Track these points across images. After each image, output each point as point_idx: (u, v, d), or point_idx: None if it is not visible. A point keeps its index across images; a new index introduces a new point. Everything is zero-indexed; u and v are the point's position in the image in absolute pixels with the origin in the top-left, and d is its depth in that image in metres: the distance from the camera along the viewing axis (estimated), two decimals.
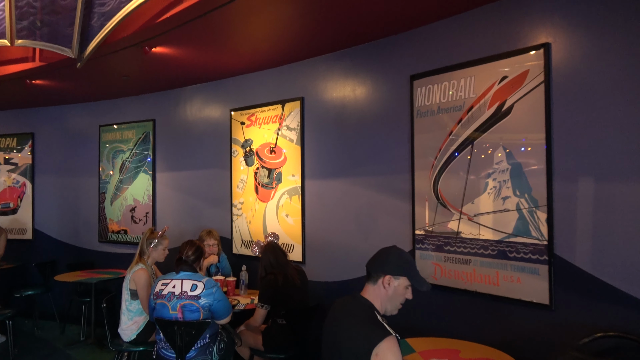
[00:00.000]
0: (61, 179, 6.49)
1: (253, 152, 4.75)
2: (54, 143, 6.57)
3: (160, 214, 5.64)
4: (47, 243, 6.53)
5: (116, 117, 6.05)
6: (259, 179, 4.69)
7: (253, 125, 4.77)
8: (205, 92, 5.28)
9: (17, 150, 6.79)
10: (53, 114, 6.54)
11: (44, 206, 6.61)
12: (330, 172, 4.17)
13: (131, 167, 5.86)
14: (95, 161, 6.21)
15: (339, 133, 4.11)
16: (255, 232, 4.71)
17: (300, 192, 4.31)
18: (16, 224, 6.75)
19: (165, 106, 5.62)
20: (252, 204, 4.75)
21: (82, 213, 6.34)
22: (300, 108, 4.34)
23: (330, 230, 4.15)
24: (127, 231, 5.88)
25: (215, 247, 4.40)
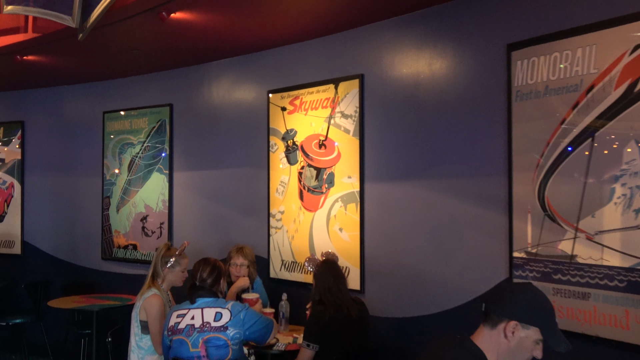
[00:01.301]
0: (56, 179, 6.86)
1: (297, 146, 4.85)
2: (48, 134, 6.95)
3: (178, 224, 5.86)
4: (38, 259, 6.92)
5: (124, 101, 6.34)
6: (305, 181, 4.78)
7: (297, 112, 4.86)
8: (235, 69, 5.44)
9: (4, 142, 7.23)
10: (47, 98, 6.92)
11: (36, 213, 7.01)
12: (398, 173, 4.20)
13: (142, 164, 6.12)
14: (98, 157, 6.53)
15: (409, 121, 4.13)
16: (300, 250, 4.80)
17: (359, 199, 4.36)
18: (3, 236, 7.20)
19: (186, 87, 5.83)
20: (295, 214, 4.85)
21: (82, 222, 6.68)
22: (359, 89, 4.39)
23: (398, 250, 4.17)
24: (137, 246, 6.14)
25: (244, 268, 4.50)
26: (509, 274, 3.53)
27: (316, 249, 4.65)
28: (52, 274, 6.72)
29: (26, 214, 7.09)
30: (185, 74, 5.83)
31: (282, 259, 4.95)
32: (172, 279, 3.86)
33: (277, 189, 5.01)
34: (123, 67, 5.91)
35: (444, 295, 3.88)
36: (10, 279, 6.92)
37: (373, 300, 4.23)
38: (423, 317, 4.01)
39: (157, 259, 3.84)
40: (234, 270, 4.48)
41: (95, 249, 6.51)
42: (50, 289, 6.47)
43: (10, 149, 7.23)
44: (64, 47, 5.17)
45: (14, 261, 7.07)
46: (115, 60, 5.61)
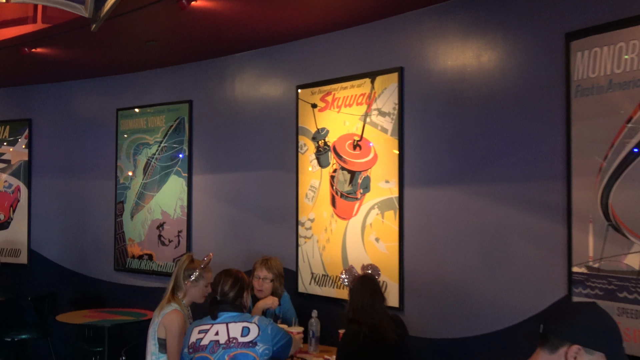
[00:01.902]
0: (66, 182, 7.02)
1: (329, 147, 4.87)
2: (56, 133, 7.11)
3: (198, 233, 5.93)
4: (46, 270, 7.07)
5: (139, 97, 6.45)
6: (338, 186, 4.79)
7: (329, 109, 4.89)
8: (261, 62, 5.49)
9: (9, 142, 7.41)
10: (56, 94, 7.08)
11: (43, 219, 7.17)
12: (442, 177, 4.19)
13: (159, 166, 6.21)
14: (110, 158, 6.66)
15: (454, 119, 4.12)
16: (332, 262, 4.82)
17: (397, 206, 4.36)
18: (7, 243, 7.37)
19: (206, 82, 5.91)
20: (326, 222, 4.87)
21: (93, 230, 6.81)
22: (398, 83, 4.40)
23: (441, 263, 4.16)
24: (153, 256, 6.23)
25: (268, 282, 4.53)
26: (568, 292, 3.49)
27: (350, 260, 4.66)
28: (61, 286, 6.86)
29: (33, 220, 7.24)
30: (206, 67, 5.91)
31: (312, 272, 4.97)
32: (195, 294, 3.91)
33: (307, 194, 5.04)
34: (139, 60, 6.02)
35: (493, 314, 3.86)
36: (15, 291, 7.07)
37: (413, 318, 4.23)
38: (470, 339, 3.98)
39: (179, 271, 3.89)
40: (257, 284, 4.50)
41: (108, 259, 6.63)
42: (58, 302, 6.59)
43: (17, 149, 7.39)
44: (76, 39, 5.27)
45: (19, 271, 7.23)
46: (130, 52, 5.71)
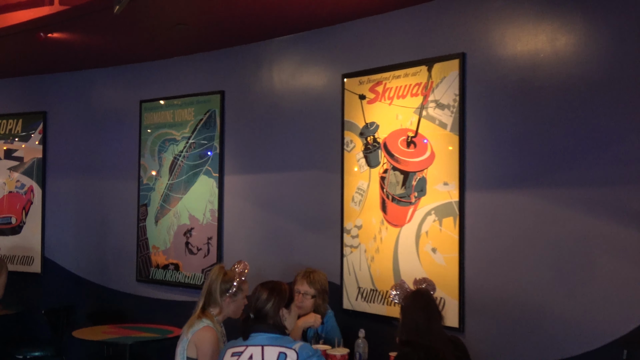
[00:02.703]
0: (84, 183, 7.14)
1: (379, 144, 4.85)
2: (74, 127, 7.24)
3: (230, 240, 5.97)
4: (61, 280, 7.21)
5: (165, 88, 6.53)
6: (389, 189, 4.77)
7: (379, 101, 4.87)
8: (302, 48, 5.51)
9: (22, 138, 7.58)
10: (74, 84, 7.21)
11: (59, 223, 7.31)
12: (510, 179, 4.14)
13: (187, 165, 6.27)
14: (133, 156, 6.75)
15: (525, 113, 4.07)
16: (382, 275, 4.80)
17: (458, 212, 4.32)
18: (20, 250, 7.52)
19: (241, 71, 5.96)
20: (375, 229, 4.86)
21: (113, 236, 6.92)
22: (460, 72, 4.36)
23: (509, 278, 4.11)
24: (180, 266, 6.29)
25: (308, 299, 4.51)
26: None
27: (402, 273, 4.64)
28: (77, 298, 6.98)
29: (47, 225, 7.38)
30: (240, 54, 5.95)
31: (359, 286, 4.95)
32: (234, 309, 3.94)
33: (353, 197, 5.03)
34: (165, 46, 6.08)
35: (569, 337, 3.80)
36: (27, 303, 7.17)
37: (475, 341, 4.18)
38: None
39: (214, 285, 3.90)
40: (296, 299, 4.47)
41: (129, 268, 6.72)
42: (74, 316, 6.69)
43: (30, 145, 7.55)
44: (96, 23, 5.35)
45: (32, 281, 7.37)
46: (156, 37, 5.78)
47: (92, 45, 6.09)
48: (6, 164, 7.70)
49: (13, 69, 7.27)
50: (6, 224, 7.67)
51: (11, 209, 7.65)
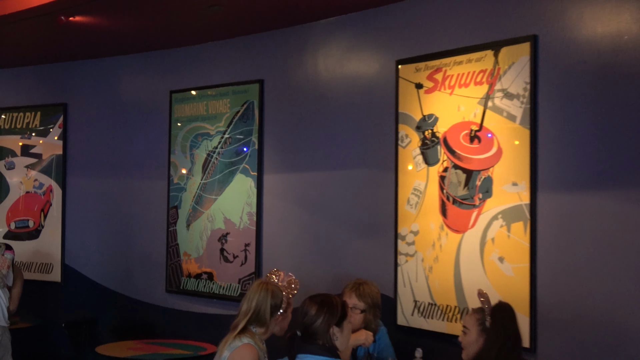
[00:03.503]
0: (108, 182, 7.29)
1: (438, 138, 4.87)
2: (97, 121, 7.39)
3: (270, 246, 6.03)
4: (83, 290, 7.36)
5: (198, 76, 6.62)
6: (449, 189, 4.78)
7: (439, 90, 4.88)
8: (351, 31, 5.54)
9: (40, 132, 7.77)
10: (97, 73, 7.36)
11: (81, 227, 7.47)
12: (590, 179, 4.11)
13: (222, 163, 6.36)
14: (162, 152, 6.87)
15: (607, 103, 4.03)
16: (441, 286, 4.81)
17: (529, 216, 4.31)
18: (38, 256, 7.70)
19: (282, 57, 6.01)
20: (434, 235, 4.87)
21: (140, 242, 7.04)
22: (531, 56, 4.34)
23: (588, 292, 4.07)
24: (214, 275, 6.38)
25: (357, 314, 4.48)
26: None
27: (465, 285, 4.64)
28: (101, 310, 7.12)
29: (68, 229, 7.55)
30: (281, 38, 6.00)
31: (415, 300, 4.97)
32: (281, 327, 3.95)
33: (409, 199, 5.05)
34: (198, 30, 6.16)
35: None
36: (46, 315, 7.37)
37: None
38: None
39: (265, 304, 3.85)
40: None
41: (158, 277, 6.83)
42: (97, 330, 6.83)
43: (49, 140, 7.73)
44: (122, 4, 5.46)
45: (51, 291, 7.54)
46: (187, 20, 5.86)
47: (117, 30, 6.19)
48: (23, 162, 7.89)
49: (30, 56, 7.42)
50: (23, 228, 7.85)
51: (28, 211, 7.84)
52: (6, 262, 6.02)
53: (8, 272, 6.06)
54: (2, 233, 7.88)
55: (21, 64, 7.70)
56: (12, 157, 7.92)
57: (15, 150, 7.95)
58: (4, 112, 7.99)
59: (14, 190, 7.94)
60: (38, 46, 6.93)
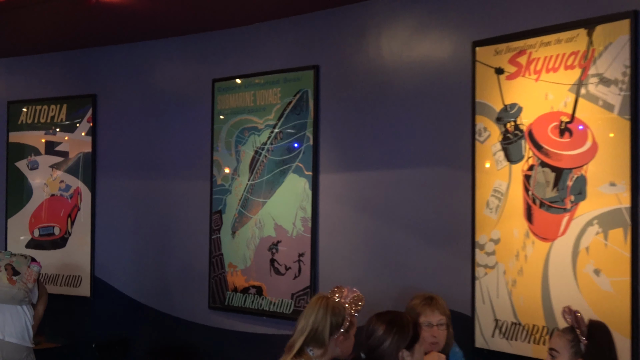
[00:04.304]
0: (143, 184, 7.39)
1: (522, 132, 4.83)
2: (130, 114, 7.50)
3: (327, 257, 6.04)
4: (115, 305, 7.46)
5: (244, 62, 6.66)
6: (536, 191, 4.75)
7: (522, 76, 4.85)
8: (419, 9, 5.54)
9: (66, 128, 7.90)
10: (130, 60, 7.47)
11: (112, 235, 7.58)
12: None
13: (272, 161, 6.38)
14: (204, 149, 6.92)
15: None
16: (527, 303, 4.77)
17: (630, 222, 4.25)
18: (64, 268, 7.84)
19: (340, 39, 6.02)
20: (518, 244, 4.84)
21: (179, 251, 7.12)
22: (631, 36, 4.28)
23: None
24: (263, 289, 6.41)
25: (443, 329, 4.51)
26: None
27: (554, 302, 4.60)
28: (135, 329, 7.21)
29: (98, 236, 7.68)
30: (339, 18, 6.01)
31: (496, 319, 4.93)
32: (343, 349, 3.95)
33: (488, 202, 5.02)
34: (244, 9, 6.20)
35: None
36: (74, 334, 7.49)
37: None
38: None
39: (324, 322, 3.86)
40: (426, 335, 4.49)
41: (200, 292, 6.88)
42: (132, 352, 6.90)
43: (76, 137, 7.87)
44: None
45: (80, 307, 7.66)
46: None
47: (152, 10, 6.26)
48: (47, 161, 8.04)
49: (55, 42, 7.54)
50: (48, 236, 8.00)
51: (54, 216, 7.98)
52: (32, 275, 6.14)
53: (34, 287, 6.18)
54: (25, 242, 8.03)
55: (45, 50, 7.85)
56: (36, 156, 8.07)
57: (39, 148, 8.10)
58: (25, 104, 8.14)
59: (38, 193, 8.09)
60: (64, 30, 7.03)
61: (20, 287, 6.07)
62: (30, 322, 6.14)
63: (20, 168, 8.16)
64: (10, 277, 6.05)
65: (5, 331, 6.06)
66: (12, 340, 6.05)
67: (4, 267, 6.09)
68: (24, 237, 8.06)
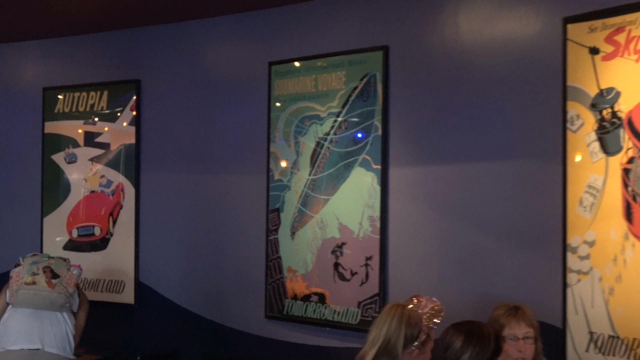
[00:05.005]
0: (191, 178, 7.45)
1: (620, 120, 4.80)
2: (178, 102, 7.57)
3: (398, 260, 6.04)
4: (162, 314, 7.55)
5: (304, 43, 6.69)
6: (636, 186, 4.71)
7: (621, 56, 4.81)
8: None
9: (107, 117, 8.02)
10: (177, 41, 7.54)
11: (159, 235, 7.67)
12: None
13: (336, 154, 6.40)
14: (259, 140, 6.97)
15: None
16: (626, 314, 4.73)
17: None
18: (105, 272, 7.95)
19: (411, 17, 6.02)
20: (616, 247, 4.80)
21: (233, 253, 7.17)
22: None
23: None
24: (326, 297, 6.43)
25: (530, 343, 4.53)
26: None
27: None
28: (184, 340, 7.28)
29: (143, 237, 7.76)
30: None
31: (591, 331, 4.89)
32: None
33: (582, 199, 4.99)
34: None
35: None
36: (117, 345, 7.57)
37: None
38: None
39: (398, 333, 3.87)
40: (511, 349, 4.50)
41: (255, 300, 6.92)
42: None
43: (118, 127, 7.96)
44: None
45: (123, 316, 7.76)
46: None
47: None
48: (86, 153, 8.15)
49: (95, 21, 7.61)
50: (87, 236, 8.11)
51: (94, 215, 8.09)
52: (73, 279, 6.15)
53: (74, 292, 6.21)
54: (62, 243, 8.16)
55: (83, 31, 7.94)
56: (74, 148, 8.18)
57: (77, 140, 8.20)
58: (62, 91, 8.25)
59: (76, 189, 8.20)
60: (104, 8, 7.11)
61: (60, 292, 6.03)
62: (71, 331, 6.13)
63: (56, 161, 8.27)
64: (49, 281, 6.01)
65: (44, 340, 6.02)
66: (52, 351, 6.02)
67: (42, 269, 6.07)
68: (61, 238, 8.17)
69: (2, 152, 8.54)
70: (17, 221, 8.42)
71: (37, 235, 8.28)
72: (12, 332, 6.00)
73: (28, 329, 6.01)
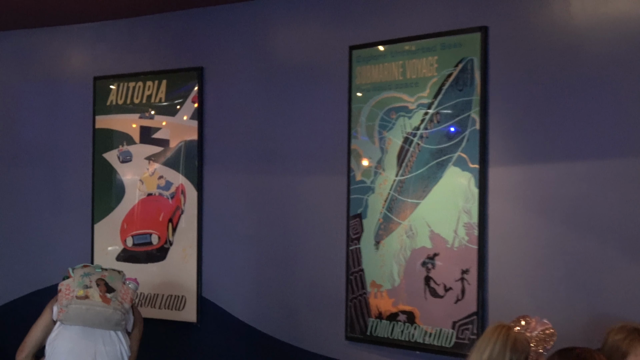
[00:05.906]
0: (261, 180, 7.49)
1: None
2: (246, 92, 7.61)
3: (500, 274, 5.99)
4: (228, 334, 7.61)
5: (389, 25, 6.68)
6: None
7: None
8: None
9: (166, 110, 8.10)
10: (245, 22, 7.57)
11: (224, 245, 7.72)
12: None
13: (426, 151, 6.39)
14: (339, 136, 6.98)
15: None
16: None
17: None
18: (164, 286, 8.01)
19: None
20: None
21: (307, 266, 7.19)
22: None
23: None
24: (416, 316, 6.41)
25: None
26: None
27: None
28: None
29: (206, 246, 7.81)
30: None
31: None
32: None
33: None
34: None
35: None
36: None
37: None
38: None
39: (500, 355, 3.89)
40: None
41: (335, 318, 6.93)
42: None
43: (177, 121, 8.04)
44: None
45: (184, 335, 7.84)
46: None
47: None
48: (143, 151, 8.24)
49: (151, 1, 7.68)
50: (144, 245, 8.19)
51: (151, 221, 8.16)
52: (129, 294, 6.12)
53: (130, 309, 6.20)
54: (115, 253, 8.25)
55: (139, 12, 8.03)
56: (128, 145, 8.28)
57: (132, 136, 8.30)
58: (115, 81, 8.36)
59: (131, 192, 8.29)
60: None
61: (116, 307, 6.02)
62: (126, 352, 6.08)
63: (109, 160, 8.37)
64: (103, 295, 6.00)
65: None
66: None
67: (96, 282, 6.06)
68: (113, 247, 8.26)
69: (48, 150, 8.66)
70: (65, 228, 8.52)
71: (87, 244, 8.39)
72: (61, 353, 6.01)
73: (79, 349, 6.01)
